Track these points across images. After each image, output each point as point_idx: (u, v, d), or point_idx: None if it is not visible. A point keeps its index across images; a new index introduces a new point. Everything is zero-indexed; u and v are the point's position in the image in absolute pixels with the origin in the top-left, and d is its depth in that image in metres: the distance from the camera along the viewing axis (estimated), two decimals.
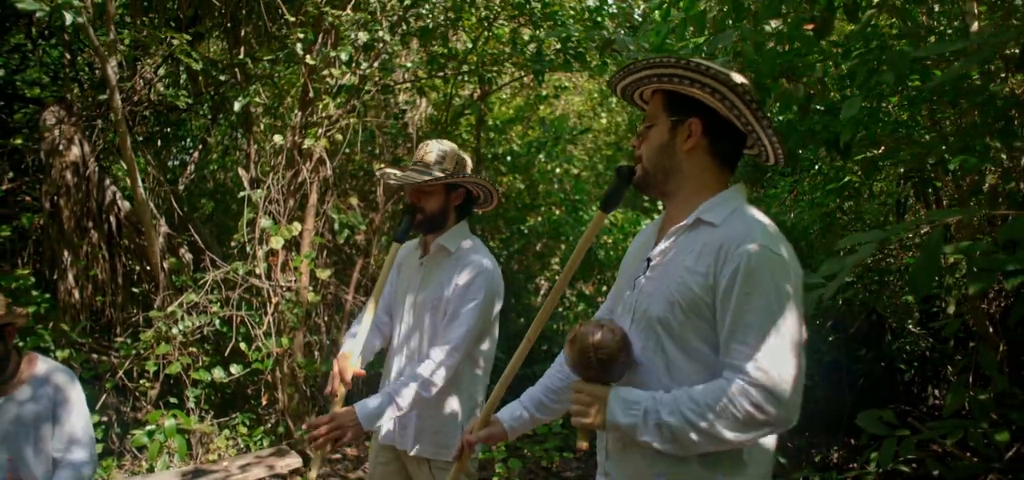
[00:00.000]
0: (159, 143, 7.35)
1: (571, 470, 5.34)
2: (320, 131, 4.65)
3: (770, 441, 1.69)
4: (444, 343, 2.47)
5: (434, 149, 2.67)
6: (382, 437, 2.71)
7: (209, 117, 7.49)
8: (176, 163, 8.28)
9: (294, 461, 4.33)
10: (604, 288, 8.32)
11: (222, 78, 6.49)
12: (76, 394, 2.76)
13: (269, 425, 5.04)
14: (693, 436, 1.52)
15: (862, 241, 2.03)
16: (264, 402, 5.00)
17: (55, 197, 5.15)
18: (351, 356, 2.58)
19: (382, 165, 5.17)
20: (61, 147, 5.21)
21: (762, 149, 1.75)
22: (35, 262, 5.25)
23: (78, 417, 2.74)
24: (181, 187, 7.19)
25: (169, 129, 6.96)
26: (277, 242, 4.54)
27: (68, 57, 5.52)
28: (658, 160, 1.72)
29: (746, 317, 1.51)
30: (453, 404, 2.59)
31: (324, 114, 4.67)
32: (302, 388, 4.92)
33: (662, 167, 1.72)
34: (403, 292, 2.75)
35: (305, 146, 4.64)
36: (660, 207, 10.28)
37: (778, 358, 1.49)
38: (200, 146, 7.82)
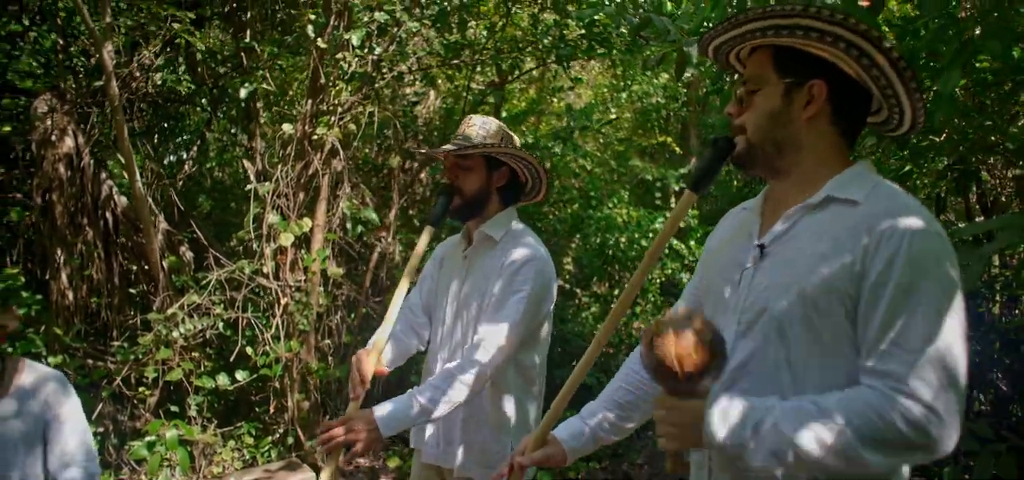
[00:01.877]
0: (156, 137, 7.04)
1: None
2: (333, 119, 4.33)
3: (907, 469, 1.39)
4: (484, 337, 2.12)
5: (478, 122, 2.34)
6: (425, 455, 2.39)
7: (208, 110, 7.18)
8: (173, 159, 7.97)
9: (306, 476, 4.01)
10: (616, 291, 8.01)
11: (222, 69, 6.22)
12: (69, 406, 2.43)
13: (277, 436, 4.72)
14: (820, 455, 1.21)
15: (998, 227, 1.73)
16: (272, 411, 4.68)
17: (47, 191, 4.82)
18: (374, 352, 2.25)
19: (396, 157, 4.85)
20: (53, 138, 4.88)
21: (896, 114, 1.43)
22: (26, 261, 4.92)
23: (73, 432, 2.41)
24: (179, 183, 6.89)
25: (167, 123, 6.63)
26: (287, 239, 4.22)
27: (61, 43, 5.19)
28: (769, 130, 1.42)
29: (908, 314, 1.21)
30: (502, 416, 2.26)
31: (336, 101, 4.35)
32: (313, 396, 4.60)
33: (774, 139, 1.42)
34: (445, 289, 2.42)
35: (316, 135, 4.32)
36: (672, 203, 9.98)
37: (946, 369, 1.19)
38: (198, 141, 7.50)
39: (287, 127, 4.37)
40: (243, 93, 4.38)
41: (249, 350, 4.44)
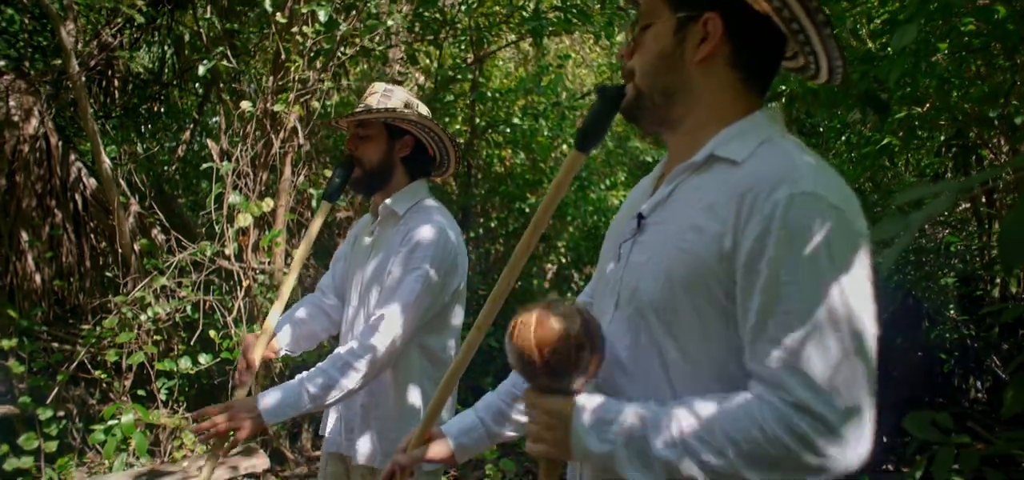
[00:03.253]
0: (142, 122, 6.97)
1: None
2: (291, 96, 4.19)
3: None
4: (377, 319, 1.96)
5: (380, 89, 2.19)
6: (328, 443, 2.25)
7: (200, 95, 7.09)
8: (172, 145, 7.89)
9: (262, 461, 3.90)
10: None
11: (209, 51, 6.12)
12: None
13: None
14: (700, 475, 1.02)
15: (928, 195, 1.53)
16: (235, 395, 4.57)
17: (11, 173, 4.75)
18: (264, 336, 2.11)
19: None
20: (16, 119, 4.80)
21: (811, 60, 1.21)
22: None
23: None
24: (173, 168, 6.81)
25: (154, 105, 6.54)
26: (245, 219, 4.10)
27: (26, 23, 5.11)
28: (657, 74, 1.19)
29: (785, 299, 0.99)
30: (407, 405, 2.10)
31: (297, 77, 4.20)
32: (276, 381, 4.48)
33: (662, 85, 1.19)
34: (353, 269, 2.27)
35: (276, 111, 4.19)
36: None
37: (837, 366, 0.97)
38: (191, 125, 7.42)
39: (245, 104, 4.24)
40: (201, 70, 4.24)
41: (213, 333, 4.33)
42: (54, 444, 4.05)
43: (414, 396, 2.13)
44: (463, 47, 5.99)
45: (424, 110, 2.22)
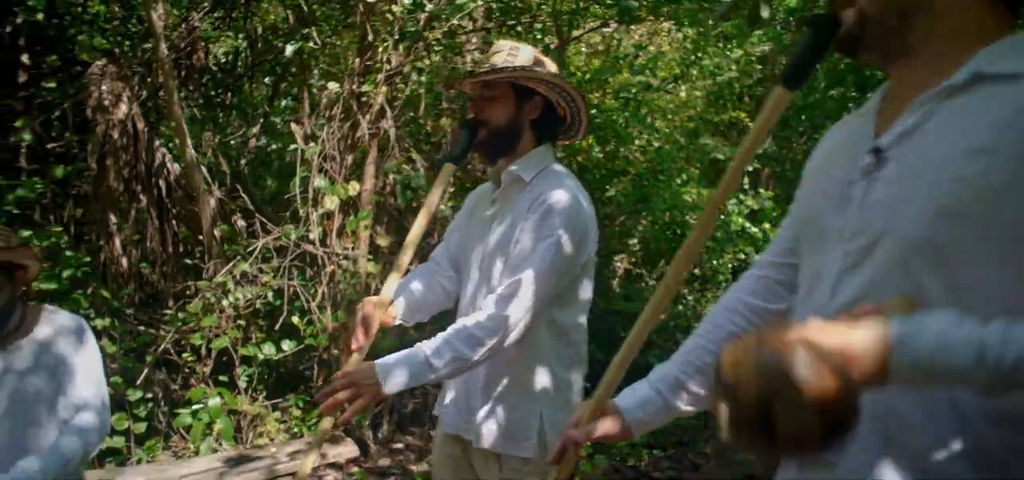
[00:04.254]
0: (218, 111, 7.03)
1: (661, 471, 4.68)
2: (380, 78, 4.11)
3: None
4: (506, 289, 1.82)
5: (505, 47, 2.04)
6: (446, 424, 2.12)
7: (269, 87, 7.13)
8: (239, 139, 7.97)
9: (348, 449, 3.82)
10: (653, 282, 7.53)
11: (281, 43, 6.14)
12: (85, 354, 2.29)
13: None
14: None
15: None
16: (319, 382, 4.52)
17: (102, 157, 4.79)
18: (385, 302, 1.98)
19: (448, 121, 4.61)
20: (107, 103, 4.85)
21: None
22: (79, 225, 4.90)
23: (87, 380, 2.27)
24: (244, 161, 6.86)
25: (229, 95, 6.59)
26: (332, 202, 4.03)
27: (117, 9, 5.16)
28: None
29: None
30: (532, 384, 1.94)
31: (384, 57, 4.13)
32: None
33: (898, 6, 1.03)
34: (472, 240, 2.14)
35: (364, 92, 4.11)
36: (745, 185, 9.46)
37: None
38: (262, 119, 7.47)
39: (333, 86, 4.18)
40: (289, 51, 4.20)
41: (296, 320, 4.28)
42: (143, 426, 4.05)
43: (542, 375, 1.98)
44: (541, 36, 5.85)
45: (552, 67, 2.08)
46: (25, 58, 5.40)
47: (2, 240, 2.17)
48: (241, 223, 5.25)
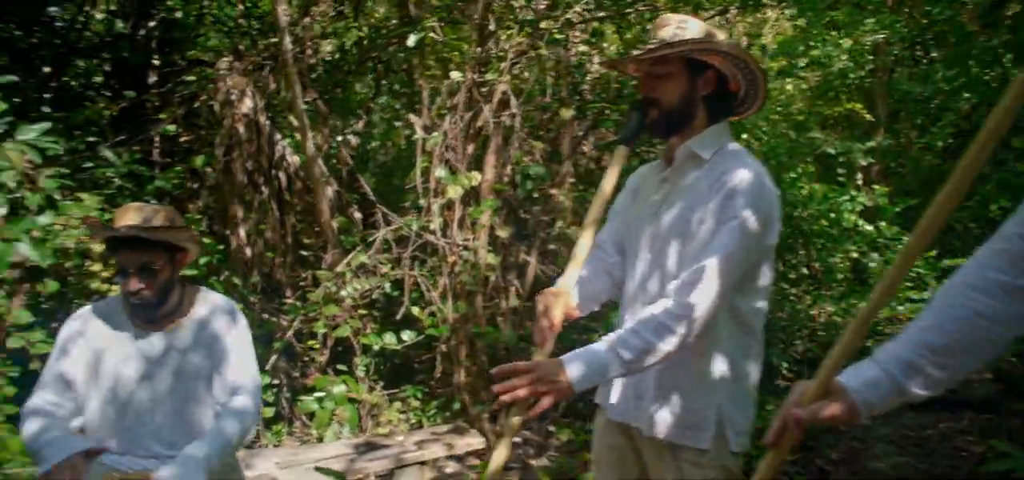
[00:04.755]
0: (329, 108, 7.19)
1: (788, 477, 4.44)
2: (504, 65, 4.06)
3: None
4: (693, 274, 1.72)
5: (674, 21, 1.92)
6: (611, 411, 2.01)
7: (372, 86, 7.25)
8: (354, 133, 8.14)
9: (475, 441, 3.77)
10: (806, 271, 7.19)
11: (386, 42, 6.22)
12: (236, 337, 2.32)
13: (443, 400, 4.55)
14: None
15: None
16: (438, 374, 4.51)
17: (228, 149, 4.95)
18: (563, 293, 1.89)
19: (568, 110, 4.51)
20: (233, 98, 5.00)
21: None
22: (207, 215, 5.07)
23: (240, 361, 2.30)
24: (353, 157, 6.99)
25: (339, 90, 6.72)
26: (455, 191, 4.00)
27: (241, 8, 5.32)
28: None
29: None
30: (709, 373, 1.82)
31: (507, 46, 4.07)
32: (481, 361, 4.37)
33: None
34: (640, 224, 2.02)
35: (486, 80, 4.07)
36: (858, 180, 8.96)
37: None
38: (363, 117, 7.59)
39: (456, 75, 4.16)
40: (411, 42, 4.20)
41: (415, 310, 4.28)
42: (270, 411, 4.13)
43: (720, 364, 1.85)
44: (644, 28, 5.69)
45: (722, 38, 1.95)
46: (156, 59, 5.67)
47: (167, 220, 2.21)
48: (357, 215, 5.32)
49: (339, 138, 6.27)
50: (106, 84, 5.19)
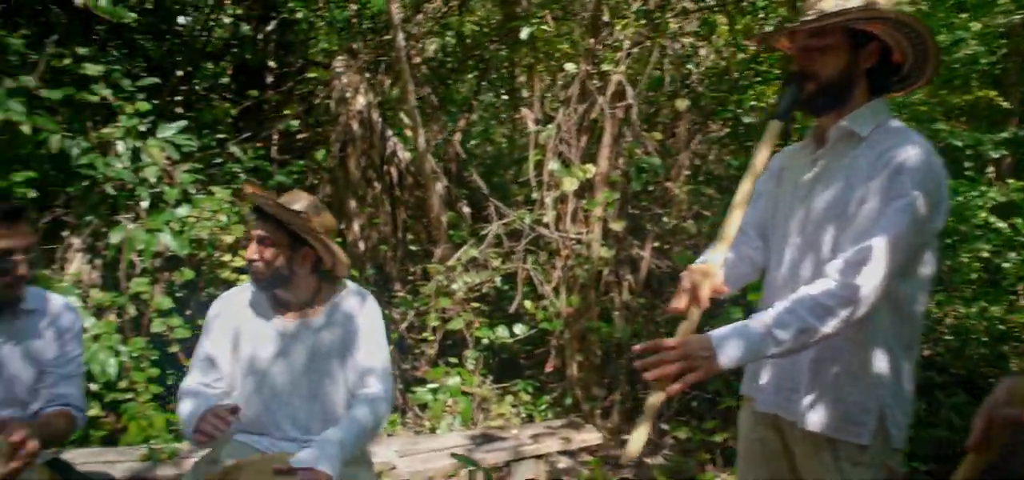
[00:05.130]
0: (433, 105, 7.31)
1: None
2: (619, 55, 3.98)
3: None
4: (856, 254, 1.60)
5: None
6: (761, 402, 1.91)
7: (475, 85, 7.32)
8: (446, 136, 8.26)
9: (591, 436, 3.71)
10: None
11: (488, 42, 6.26)
12: (369, 321, 2.34)
13: (555, 395, 4.51)
14: None
15: None
16: (549, 369, 4.47)
17: (343, 145, 5.09)
18: (713, 270, 1.80)
19: (683, 100, 4.38)
20: (348, 96, 5.13)
21: None
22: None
23: (373, 346, 2.32)
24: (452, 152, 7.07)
25: (444, 86, 6.81)
26: (570, 183, 3.95)
27: (354, 7, 5.46)
28: None
29: None
30: (867, 364, 1.70)
31: (622, 35, 3.99)
32: (593, 356, 4.30)
33: None
34: (787, 206, 1.90)
35: (602, 71, 4.01)
36: (989, 173, 8.35)
37: None
38: (465, 115, 7.67)
39: (570, 67, 4.11)
40: (524, 34, 4.18)
41: (528, 304, 4.26)
42: None
43: (879, 356, 1.72)
44: (766, 13, 5.46)
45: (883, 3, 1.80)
46: (271, 63, 5.89)
47: (300, 207, 2.25)
48: (466, 210, 5.37)
49: (446, 135, 6.36)
50: (228, 86, 5.44)
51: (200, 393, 2.23)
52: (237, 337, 2.29)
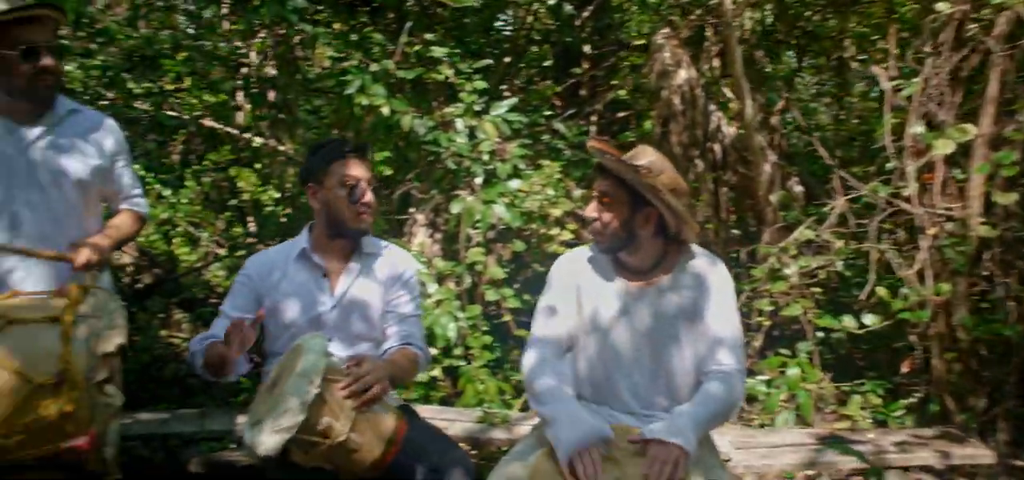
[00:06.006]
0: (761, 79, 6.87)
1: None
2: None
3: None
4: None
5: None
6: None
7: (795, 61, 6.70)
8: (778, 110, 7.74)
9: (979, 452, 3.03)
10: None
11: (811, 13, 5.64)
12: (718, 280, 2.19)
13: (915, 400, 3.83)
14: None
15: None
16: (906, 368, 3.81)
17: (665, 121, 4.90)
18: None
19: None
20: (670, 70, 4.93)
21: None
22: None
23: (723, 310, 2.16)
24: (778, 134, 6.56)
25: (769, 59, 6.31)
26: (945, 146, 3.29)
27: None
28: None
29: None
30: None
31: None
32: (968, 356, 3.56)
33: None
34: None
35: (990, 3, 3.27)
36: None
37: None
38: (786, 93, 7.05)
39: (942, 5, 3.43)
40: None
41: (882, 291, 3.65)
42: None
43: None
44: None
45: None
46: (587, 47, 5.95)
47: (642, 164, 2.14)
48: (797, 188, 4.86)
49: (777, 109, 5.86)
50: (551, 69, 5.59)
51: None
52: (579, 294, 2.26)
